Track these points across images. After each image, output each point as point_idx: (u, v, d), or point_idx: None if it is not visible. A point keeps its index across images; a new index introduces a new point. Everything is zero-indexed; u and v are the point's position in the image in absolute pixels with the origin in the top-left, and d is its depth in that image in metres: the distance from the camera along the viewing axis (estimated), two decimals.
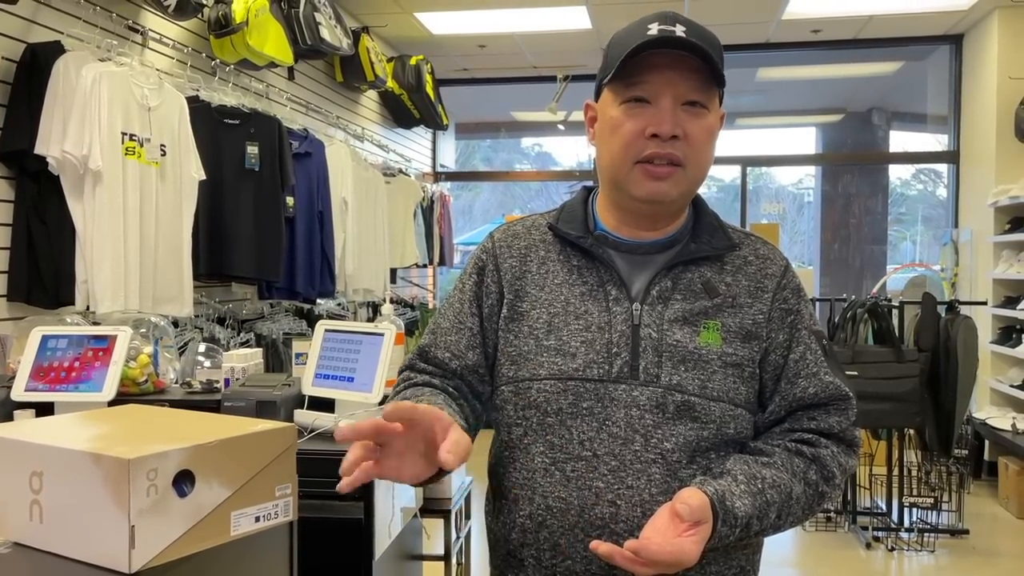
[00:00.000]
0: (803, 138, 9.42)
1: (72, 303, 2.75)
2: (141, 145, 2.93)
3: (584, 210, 1.22)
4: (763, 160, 7.74)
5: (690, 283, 1.15)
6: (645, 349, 1.11)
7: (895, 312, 4.44)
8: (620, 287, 1.15)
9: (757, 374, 1.14)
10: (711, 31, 1.14)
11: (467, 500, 2.50)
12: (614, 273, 1.16)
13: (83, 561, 0.92)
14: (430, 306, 6.44)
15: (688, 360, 1.11)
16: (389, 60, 5.78)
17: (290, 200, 3.95)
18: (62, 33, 2.86)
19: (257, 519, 1.08)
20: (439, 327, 1.24)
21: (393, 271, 5.53)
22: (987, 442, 5.27)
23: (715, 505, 1.02)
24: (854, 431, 1.16)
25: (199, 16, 3.58)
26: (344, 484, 0.93)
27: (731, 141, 11.59)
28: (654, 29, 1.09)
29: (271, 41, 3.82)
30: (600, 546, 0.97)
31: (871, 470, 4.45)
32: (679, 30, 1.09)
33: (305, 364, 1.94)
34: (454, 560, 2.36)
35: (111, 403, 1.84)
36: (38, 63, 2.70)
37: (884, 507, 4.46)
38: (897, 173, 10.66)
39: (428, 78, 6.03)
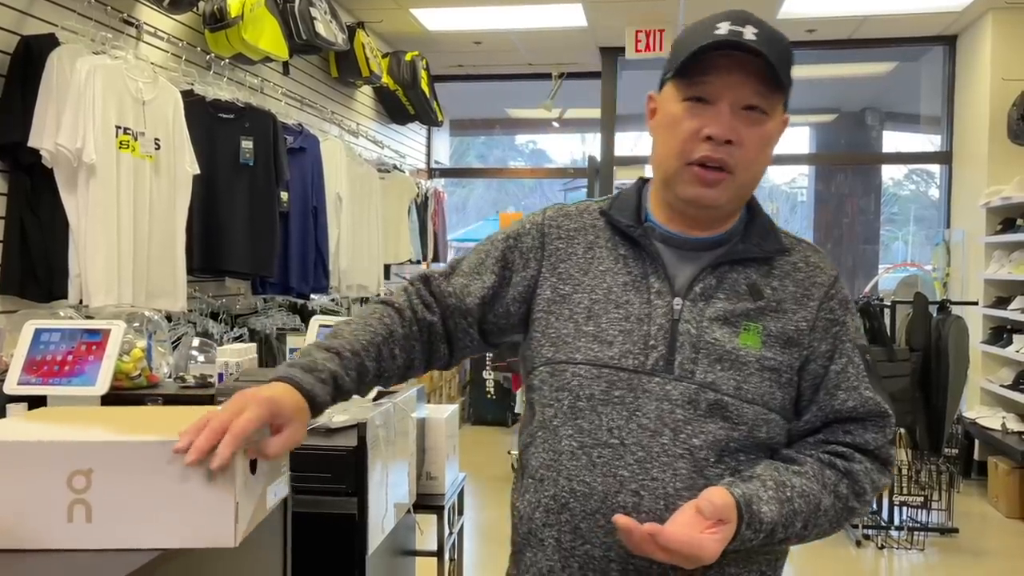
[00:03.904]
0: (797, 138, 9.44)
1: (65, 297, 2.74)
2: (135, 139, 2.92)
3: (637, 200, 1.21)
4: None
5: (735, 283, 1.14)
6: (682, 344, 1.11)
7: (887, 312, 4.45)
8: (664, 280, 1.14)
9: (794, 381, 1.13)
10: (782, 34, 1.11)
11: (460, 496, 2.50)
12: (659, 266, 1.15)
13: (153, 548, 0.94)
14: None
15: (725, 360, 1.10)
16: (384, 56, 5.77)
17: (284, 195, 3.94)
18: (56, 26, 2.85)
19: (275, 494, 1.12)
20: (457, 265, 1.26)
21: (387, 267, 5.53)
22: (977, 442, 5.30)
23: (741, 507, 1.02)
24: (890, 449, 1.16)
25: (194, 10, 3.57)
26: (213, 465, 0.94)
27: None
28: (723, 28, 1.07)
29: (266, 36, 3.81)
30: (620, 519, 0.98)
31: None
32: (749, 32, 1.06)
33: None
34: (447, 556, 2.36)
35: (104, 397, 1.84)
36: (32, 56, 2.69)
37: (874, 506, 4.48)
38: (890, 173, 10.70)
39: (423, 74, 6.02)
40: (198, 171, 3.24)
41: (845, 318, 1.16)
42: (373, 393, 2.07)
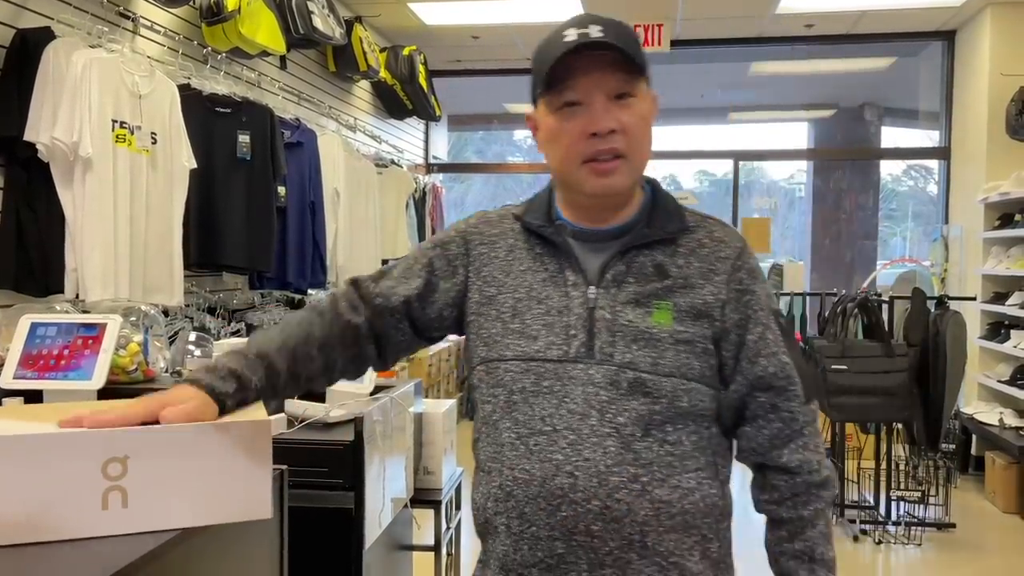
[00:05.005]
0: (795, 133, 9.45)
1: (61, 291, 2.74)
2: (132, 133, 2.91)
3: (548, 201, 1.28)
4: (755, 155, 7.75)
5: (642, 266, 1.21)
6: (600, 330, 1.18)
7: (885, 307, 4.46)
8: (578, 272, 1.21)
9: (711, 350, 1.19)
10: (625, 24, 1.19)
11: (458, 491, 2.50)
12: (573, 259, 1.22)
13: (188, 527, 0.99)
14: None
15: (640, 339, 1.17)
16: (382, 50, 5.76)
17: (281, 190, 3.93)
18: (52, 19, 2.84)
19: None
20: (387, 270, 1.33)
21: (384, 262, 5.51)
22: (974, 437, 5.31)
23: None
24: (805, 409, 1.22)
25: (191, 3, 3.56)
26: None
27: (723, 135, 11.62)
28: (571, 35, 1.15)
29: (263, 30, 3.80)
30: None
31: (859, 464, 4.47)
32: (594, 31, 1.14)
33: None
34: (444, 550, 2.36)
35: (100, 391, 1.83)
36: (28, 49, 2.67)
37: (872, 501, 4.49)
38: (888, 169, 10.70)
39: (421, 69, 6.01)
40: (195, 165, 3.23)
41: (754, 287, 1.23)
42: (370, 387, 2.07)
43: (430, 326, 1.31)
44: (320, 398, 1.93)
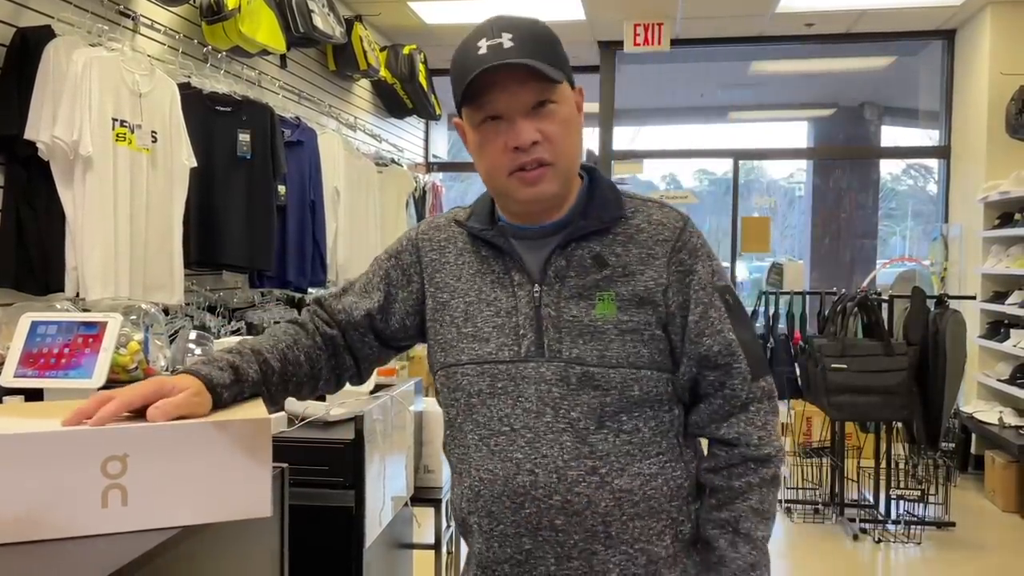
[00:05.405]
0: (795, 132, 9.44)
1: (62, 290, 2.74)
2: (132, 131, 2.91)
3: (491, 205, 1.29)
4: (754, 153, 7.74)
5: (581, 259, 1.21)
6: (547, 327, 1.19)
7: (884, 306, 4.46)
8: (523, 272, 1.22)
9: (659, 335, 1.19)
10: (539, 23, 1.18)
11: None
12: (516, 259, 1.23)
13: (188, 525, 0.99)
14: None
15: (585, 333, 1.17)
16: (382, 49, 5.76)
17: (282, 189, 3.93)
18: (52, 17, 2.83)
19: None
20: (349, 287, 1.36)
21: None
22: (974, 436, 5.31)
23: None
24: (752, 387, 1.21)
25: (191, 2, 3.56)
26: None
27: (723, 134, 11.60)
28: (483, 46, 1.14)
29: (263, 28, 3.80)
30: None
31: (859, 463, 4.48)
32: (506, 40, 1.13)
33: None
34: (444, 549, 2.36)
35: (101, 390, 1.83)
36: (28, 47, 2.67)
37: (871, 499, 4.49)
38: (888, 168, 10.68)
39: (421, 68, 6.01)
40: (195, 164, 3.23)
41: (696, 266, 1.22)
42: (370, 386, 2.07)
43: (395, 336, 1.33)
44: (320, 397, 1.93)
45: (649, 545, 1.18)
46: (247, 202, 3.61)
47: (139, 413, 1.02)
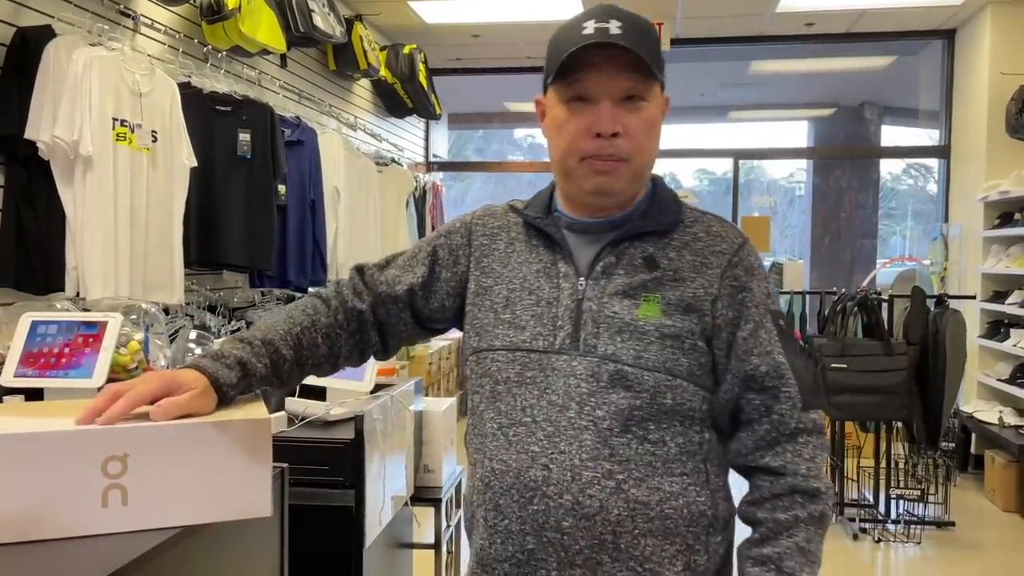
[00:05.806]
0: (795, 132, 9.44)
1: (62, 289, 2.74)
2: (132, 131, 2.91)
3: (549, 196, 1.28)
4: (755, 153, 7.75)
5: (632, 257, 1.19)
6: (586, 321, 1.16)
7: (884, 306, 4.46)
8: (570, 264, 1.21)
9: (701, 347, 1.15)
10: (646, 21, 1.16)
11: (458, 489, 2.51)
12: (566, 251, 1.22)
13: (188, 524, 0.99)
14: None
15: (625, 331, 1.15)
16: (382, 49, 5.76)
17: (282, 188, 3.93)
18: (53, 17, 2.83)
19: None
20: (392, 259, 1.34)
21: None
22: (974, 435, 5.31)
23: None
24: (803, 417, 1.15)
25: (191, 2, 3.56)
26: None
27: (723, 134, 11.60)
28: (590, 27, 1.12)
29: (264, 28, 3.80)
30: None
31: (859, 462, 4.48)
32: (614, 26, 1.11)
33: None
34: (444, 548, 2.36)
35: (101, 390, 1.83)
36: (28, 47, 2.67)
37: (871, 499, 4.49)
38: (888, 168, 10.68)
39: (421, 67, 6.00)
40: (195, 164, 3.23)
41: (751, 284, 1.19)
42: (370, 386, 2.07)
43: (432, 316, 1.31)
44: (320, 396, 1.93)
45: (659, 567, 1.12)
46: (247, 202, 3.61)
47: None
